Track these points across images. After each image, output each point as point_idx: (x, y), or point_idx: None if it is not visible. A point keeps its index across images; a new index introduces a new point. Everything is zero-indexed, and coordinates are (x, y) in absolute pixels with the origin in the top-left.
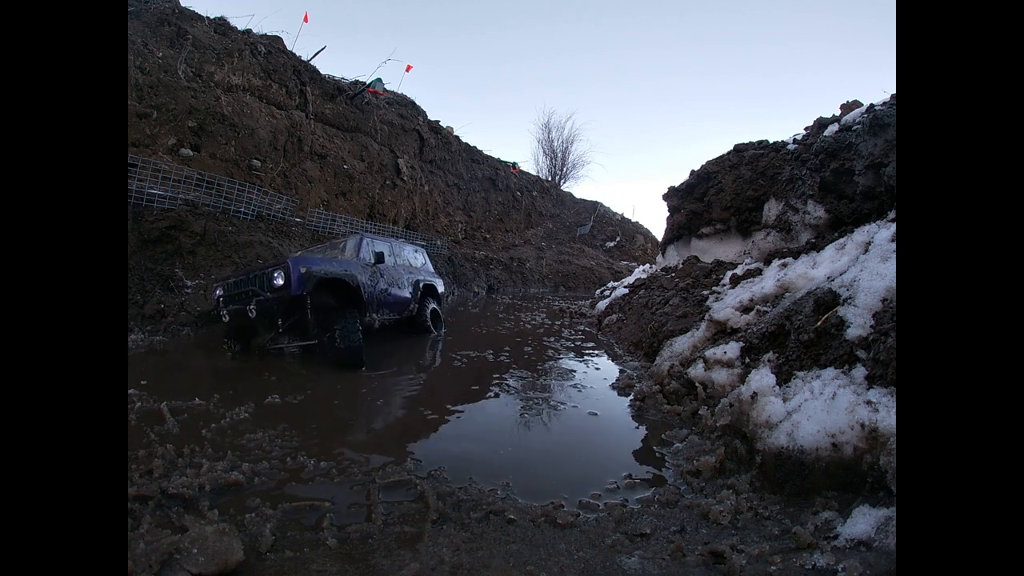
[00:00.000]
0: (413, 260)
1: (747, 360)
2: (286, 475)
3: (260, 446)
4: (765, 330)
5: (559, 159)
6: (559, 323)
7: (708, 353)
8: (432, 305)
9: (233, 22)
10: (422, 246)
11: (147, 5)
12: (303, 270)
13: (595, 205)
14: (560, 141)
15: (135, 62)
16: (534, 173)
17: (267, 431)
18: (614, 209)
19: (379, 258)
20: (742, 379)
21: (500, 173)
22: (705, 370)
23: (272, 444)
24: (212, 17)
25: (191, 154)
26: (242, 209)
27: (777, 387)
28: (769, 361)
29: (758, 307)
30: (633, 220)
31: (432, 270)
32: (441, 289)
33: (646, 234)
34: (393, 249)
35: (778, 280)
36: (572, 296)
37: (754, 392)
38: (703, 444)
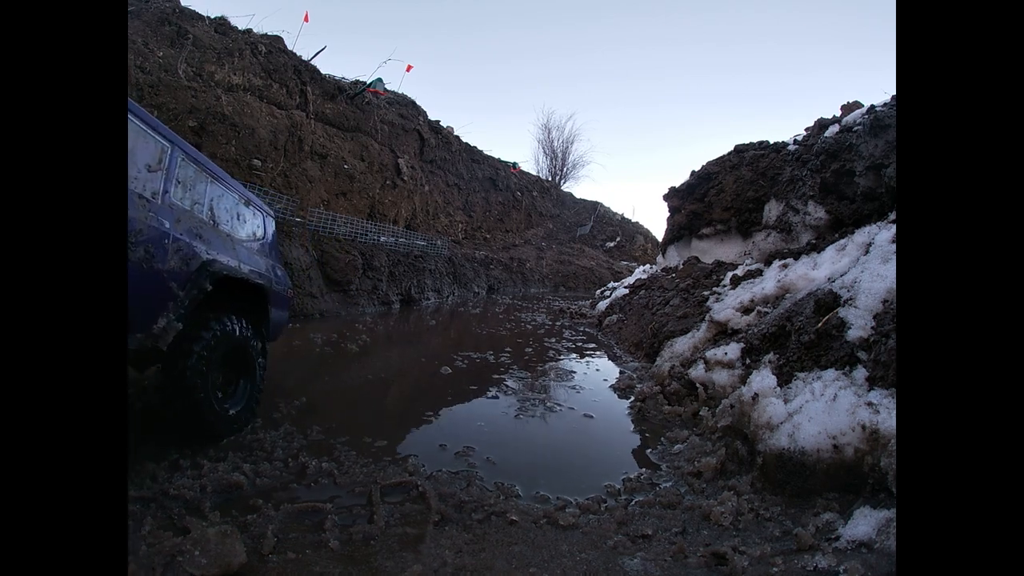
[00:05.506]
0: (227, 214)
1: (748, 361)
2: (288, 476)
3: (263, 446)
4: (766, 331)
5: (559, 159)
6: (559, 323)
7: (709, 354)
8: (212, 342)
9: (234, 22)
10: (269, 213)
11: (148, 4)
12: None
13: (595, 205)
14: (560, 141)
15: (136, 61)
16: (534, 173)
17: (269, 432)
18: (614, 209)
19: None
20: (743, 380)
21: (500, 173)
22: (706, 371)
23: (274, 445)
24: (213, 17)
25: None
26: None
27: (778, 388)
28: (770, 362)
29: (759, 308)
30: (633, 220)
31: (276, 256)
32: (282, 309)
33: (646, 234)
34: (171, 162)
35: (779, 281)
36: (572, 296)
37: (755, 393)
38: (704, 445)
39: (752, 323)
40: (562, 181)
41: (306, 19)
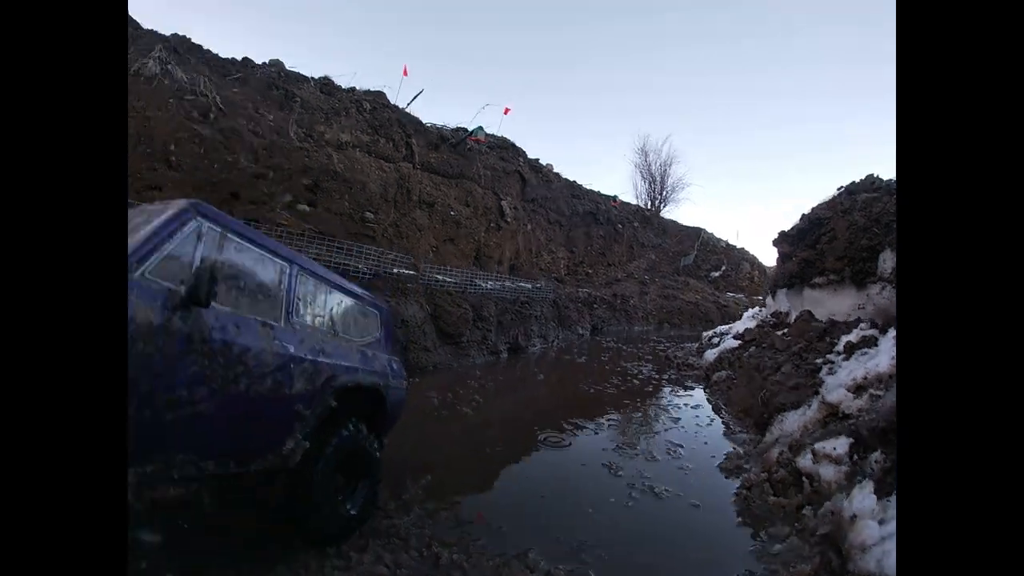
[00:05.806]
0: (344, 319)
1: (855, 457)
2: (425, 568)
3: (398, 533)
4: (876, 424)
5: (657, 183)
6: (666, 376)
7: (818, 446)
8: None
9: (337, 80)
10: (383, 307)
11: (254, 71)
12: None
13: (698, 232)
14: (658, 164)
15: (248, 126)
16: (633, 200)
17: (402, 517)
18: (717, 235)
19: (200, 290)
20: (849, 478)
21: (601, 207)
22: (813, 463)
23: (408, 532)
24: (317, 78)
25: (307, 209)
26: (360, 267)
27: (876, 507)
28: (876, 463)
29: (871, 390)
30: (738, 247)
31: (391, 347)
32: (397, 403)
33: (752, 261)
34: (291, 280)
35: (892, 357)
36: (678, 336)
37: (854, 514)
38: (802, 548)
39: (864, 408)
40: (662, 205)
41: (405, 72)
